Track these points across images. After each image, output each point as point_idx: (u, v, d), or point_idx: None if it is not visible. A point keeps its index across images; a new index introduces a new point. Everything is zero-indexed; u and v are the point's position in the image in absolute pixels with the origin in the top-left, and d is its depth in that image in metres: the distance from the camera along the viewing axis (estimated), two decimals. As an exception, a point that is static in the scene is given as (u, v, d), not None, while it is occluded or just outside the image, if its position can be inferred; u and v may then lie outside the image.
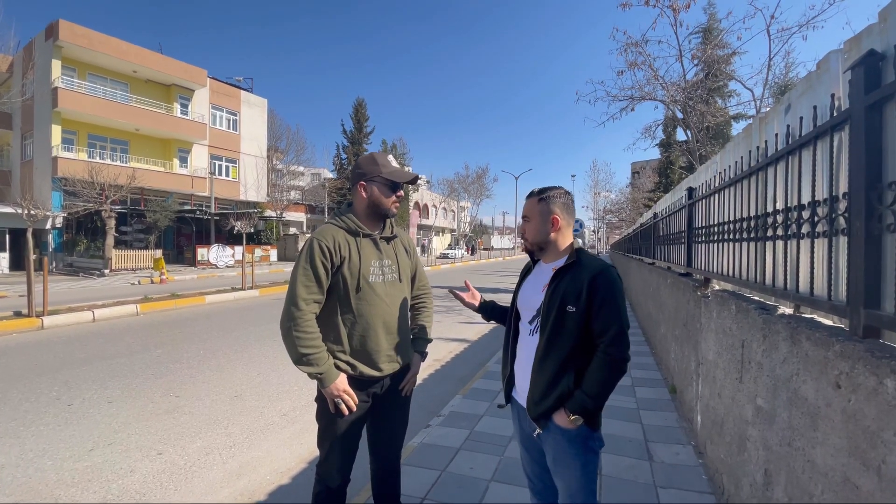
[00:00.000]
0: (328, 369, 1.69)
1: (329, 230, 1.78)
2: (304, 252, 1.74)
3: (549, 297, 1.53)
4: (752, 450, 1.96)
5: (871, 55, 1.26)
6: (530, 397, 1.55)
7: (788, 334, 1.63)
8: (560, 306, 1.49)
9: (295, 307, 1.67)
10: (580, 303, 1.46)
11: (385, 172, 1.80)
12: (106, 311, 8.78)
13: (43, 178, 20.65)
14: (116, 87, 23.15)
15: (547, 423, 1.53)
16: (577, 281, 1.48)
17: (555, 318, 1.49)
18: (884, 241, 1.21)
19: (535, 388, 1.54)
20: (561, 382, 1.49)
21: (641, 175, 39.18)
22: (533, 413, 1.54)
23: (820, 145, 1.58)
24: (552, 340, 1.50)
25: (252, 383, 4.83)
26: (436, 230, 50.72)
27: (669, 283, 4.65)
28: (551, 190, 1.63)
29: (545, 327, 1.52)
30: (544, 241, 1.62)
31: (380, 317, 1.78)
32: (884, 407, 1.07)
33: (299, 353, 1.66)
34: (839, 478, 1.26)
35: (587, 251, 1.61)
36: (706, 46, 10.97)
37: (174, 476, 2.93)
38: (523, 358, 1.64)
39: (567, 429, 1.48)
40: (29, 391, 4.47)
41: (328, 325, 1.77)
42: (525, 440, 1.70)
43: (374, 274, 1.79)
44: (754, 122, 2.46)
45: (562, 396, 1.48)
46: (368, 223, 1.84)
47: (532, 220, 1.63)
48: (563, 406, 1.48)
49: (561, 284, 1.52)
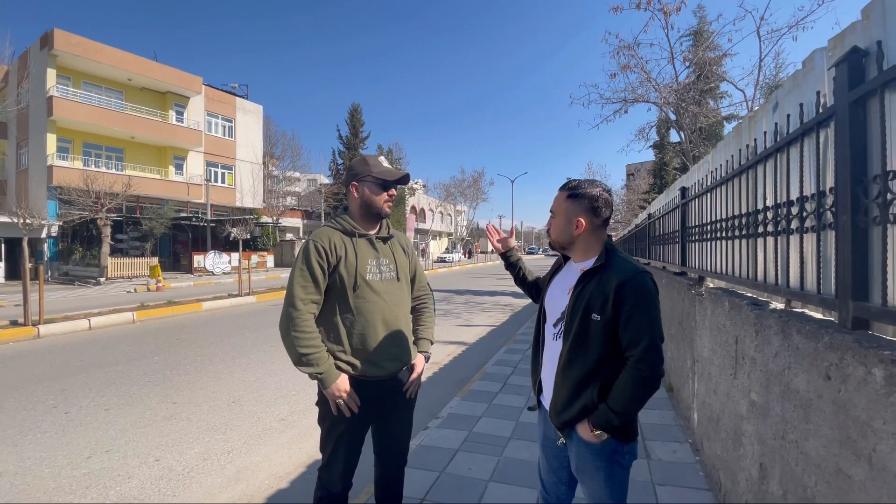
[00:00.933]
0: (328, 369, 1.68)
1: (325, 231, 1.80)
2: (300, 253, 1.75)
3: (574, 303, 1.42)
4: (748, 444, 1.98)
5: (854, 52, 1.29)
6: (553, 405, 1.48)
7: (780, 328, 1.65)
8: (584, 314, 1.37)
9: (293, 308, 1.67)
10: (606, 311, 1.34)
11: (375, 172, 1.82)
12: (102, 320, 8.74)
13: (38, 186, 20.58)
14: (111, 95, 23.13)
15: (570, 433, 1.45)
16: (603, 287, 1.36)
17: (578, 326, 1.38)
18: (870, 233, 1.24)
19: (557, 396, 1.46)
20: (584, 394, 1.39)
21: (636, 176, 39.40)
22: (556, 422, 1.47)
23: (807, 142, 1.61)
24: (575, 349, 1.40)
25: (250, 389, 4.81)
26: (433, 234, 50.75)
27: (664, 283, 4.68)
28: (585, 187, 1.48)
29: (568, 334, 1.41)
30: (568, 241, 1.52)
31: (379, 314, 1.78)
32: (873, 396, 1.09)
33: (298, 353, 1.66)
34: (832, 468, 1.28)
35: (620, 251, 1.48)
36: (697, 49, 11.09)
37: (172, 482, 2.92)
38: (548, 362, 1.55)
39: (591, 441, 1.39)
40: (26, 400, 4.45)
41: (328, 325, 1.77)
42: (546, 446, 1.63)
43: (372, 272, 1.80)
44: (744, 120, 2.49)
45: (585, 408, 1.39)
46: (363, 223, 1.86)
47: (557, 218, 1.52)
48: (586, 418, 1.39)
49: (587, 289, 1.39)
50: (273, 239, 29.52)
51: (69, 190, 18.23)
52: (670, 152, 24.36)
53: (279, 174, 34.30)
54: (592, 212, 1.47)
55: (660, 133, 21.56)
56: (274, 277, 21.08)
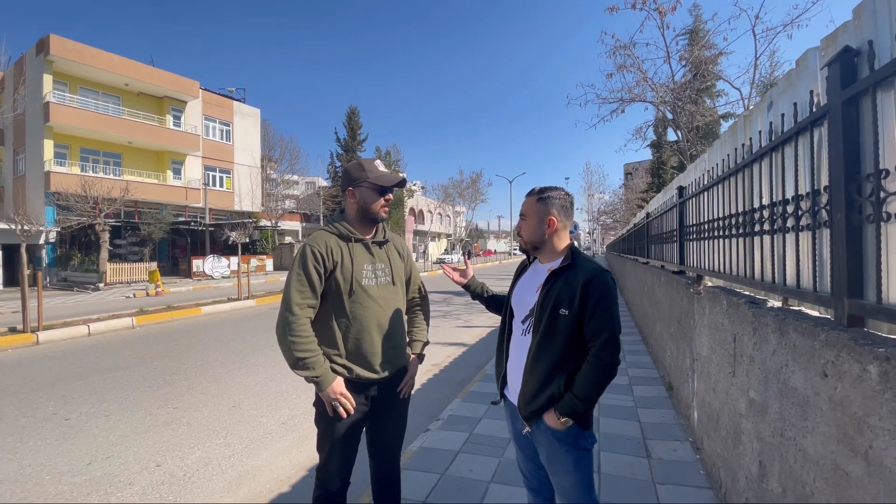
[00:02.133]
0: (324, 373, 1.70)
1: (321, 236, 1.81)
2: (297, 258, 1.76)
3: (543, 299, 1.53)
4: (747, 442, 1.98)
5: (846, 51, 1.30)
6: (521, 397, 1.57)
7: (777, 326, 1.66)
8: (553, 308, 1.49)
9: (289, 312, 1.69)
10: (573, 306, 1.46)
11: (372, 177, 1.83)
12: (101, 325, 8.72)
13: (36, 192, 20.55)
14: (108, 100, 23.11)
15: (537, 422, 1.54)
16: (570, 284, 1.49)
17: (547, 320, 1.50)
18: (864, 231, 1.24)
19: (526, 387, 1.55)
20: (552, 384, 1.49)
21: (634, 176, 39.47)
22: (524, 412, 1.56)
23: (801, 141, 1.62)
24: (544, 342, 1.51)
25: (250, 393, 4.81)
26: (432, 235, 50.75)
27: (663, 282, 4.69)
28: (551, 190, 1.63)
29: (538, 328, 1.53)
30: (539, 240, 1.62)
31: (374, 319, 1.80)
32: (868, 393, 1.10)
33: (295, 357, 1.67)
34: (829, 465, 1.29)
35: (583, 253, 1.61)
36: (693, 48, 11.12)
37: (173, 487, 2.92)
38: (516, 357, 1.65)
39: (557, 429, 1.50)
40: (26, 406, 4.44)
41: (323, 329, 1.79)
42: (518, 438, 1.72)
43: (367, 277, 1.82)
44: (739, 119, 2.50)
45: (552, 398, 1.49)
46: (360, 228, 1.87)
47: (529, 219, 1.63)
48: (553, 407, 1.49)
49: (555, 286, 1.52)
50: (272, 242, 29.49)
51: (67, 196, 18.19)
52: (668, 151, 24.43)
53: (277, 177, 34.29)
54: (561, 211, 1.61)
55: (657, 132, 21.59)
56: (273, 281, 21.06)
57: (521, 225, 1.67)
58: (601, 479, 2.67)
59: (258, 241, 28.31)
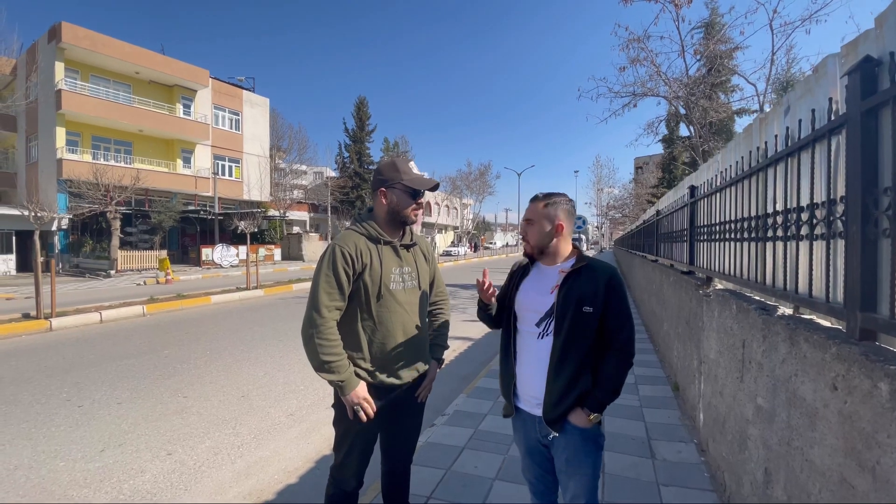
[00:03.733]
0: (349, 377, 1.69)
1: (351, 236, 1.77)
2: (326, 258, 1.73)
3: (564, 299, 1.54)
4: (753, 448, 1.98)
5: (867, 61, 1.27)
6: (547, 400, 1.55)
7: (787, 335, 1.65)
8: (576, 307, 1.52)
9: (317, 314, 1.66)
10: (597, 303, 1.51)
11: (406, 179, 1.79)
12: (113, 313, 8.86)
13: (48, 180, 20.81)
14: (119, 88, 23.25)
15: (563, 426, 1.55)
16: (593, 282, 1.54)
17: (571, 319, 1.52)
18: (880, 245, 1.23)
19: (552, 391, 1.55)
20: (580, 382, 1.53)
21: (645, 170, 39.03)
22: (550, 416, 1.55)
23: (818, 148, 1.60)
24: (570, 341, 1.52)
25: (258, 383, 4.88)
26: (439, 227, 50.74)
27: (672, 281, 4.66)
28: (556, 196, 1.65)
29: (560, 329, 1.54)
30: (547, 244, 1.64)
31: (400, 324, 1.79)
32: (878, 410, 1.09)
33: (321, 360, 1.66)
34: (836, 477, 1.29)
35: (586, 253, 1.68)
36: (708, 41, 10.92)
37: (184, 476, 2.99)
38: (530, 363, 1.63)
39: (584, 427, 1.53)
40: (40, 393, 4.55)
41: (348, 331, 1.77)
42: (530, 448, 1.69)
43: (395, 281, 1.80)
44: (755, 122, 2.47)
45: (581, 396, 1.53)
46: (389, 230, 1.84)
47: (536, 224, 1.64)
48: (580, 406, 1.52)
49: (575, 286, 1.54)
50: (280, 232, 29.68)
51: (79, 183, 18.43)
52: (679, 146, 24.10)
53: (286, 167, 34.40)
54: (567, 215, 1.65)
55: (669, 127, 21.32)
56: (281, 271, 21.23)
57: (528, 230, 1.67)
58: (605, 480, 2.69)
59: (266, 231, 28.50)
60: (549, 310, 1.59)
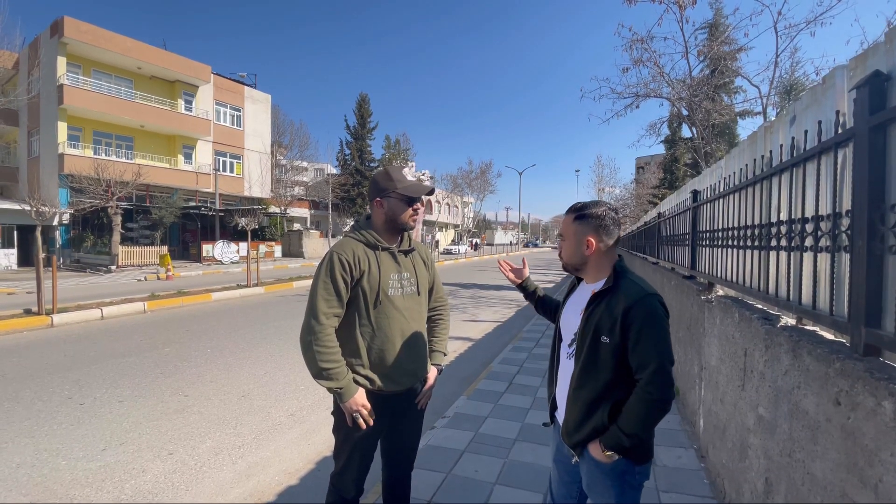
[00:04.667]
0: (347, 384, 1.70)
1: (349, 244, 1.79)
2: (324, 265, 1.74)
3: (584, 324, 1.46)
4: (754, 458, 1.99)
5: (876, 76, 1.27)
6: (565, 425, 1.51)
7: (790, 347, 1.65)
8: (594, 336, 1.41)
9: (315, 321, 1.68)
10: (614, 335, 1.36)
11: (400, 188, 1.81)
12: (114, 309, 8.88)
13: (50, 174, 20.82)
14: (121, 83, 23.23)
15: (582, 452, 1.48)
16: (612, 310, 1.38)
17: (589, 347, 1.42)
18: (885, 261, 1.23)
19: (569, 416, 1.50)
20: (595, 415, 1.41)
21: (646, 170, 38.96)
22: (568, 441, 1.50)
23: (824, 160, 1.59)
24: (586, 370, 1.43)
25: (259, 383, 4.89)
26: (439, 226, 50.73)
27: (673, 285, 4.66)
28: (591, 207, 1.51)
29: (580, 355, 1.45)
30: (580, 262, 1.54)
31: (398, 330, 1.80)
32: (882, 428, 1.09)
33: (319, 367, 1.67)
34: (837, 492, 1.29)
35: (631, 273, 1.49)
36: (712, 43, 10.88)
37: (185, 476, 3.00)
38: (562, 382, 1.59)
39: (602, 462, 1.41)
40: (41, 390, 4.56)
41: (347, 338, 1.78)
42: (559, 461, 1.66)
43: (394, 287, 1.80)
44: (759, 130, 2.46)
45: (596, 430, 1.41)
46: (387, 237, 1.86)
47: (567, 240, 1.55)
48: (597, 439, 1.41)
49: (596, 311, 1.43)
50: (281, 229, 29.67)
51: (80, 178, 18.44)
52: (681, 148, 24.06)
53: (287, 163, 34.36)
54: (601, 230, 1.48)
55: (671, 128, 21.29)
56: (282, 268, 21.24)
57: (562, 246, 1.59)
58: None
59: (267, 228, 28.51)
60: (576, 332, 1.51)
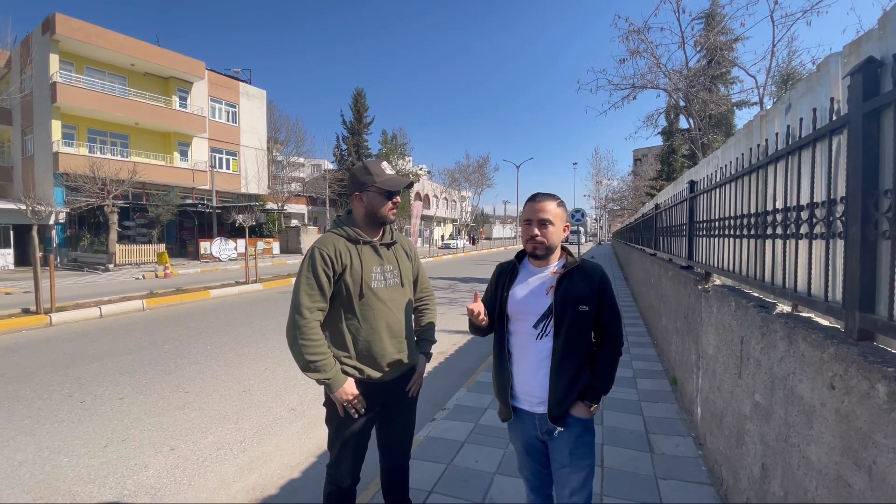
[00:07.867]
0: (335, 375, 1.74)
1: (330, 239, 1.82)
2: (306, 261, 1.78)
3: (562, 299, 1.58)
4: (750, 444, 2.01)
5: (869, 62, 1.27)
6: (552, 399, 1.59)
7: (786, 334, 1.66)
8: (574, 307, 1.57)
9: (299, 315, 1.72)
10: (592, 301, 1.59)
11: (379, 182, 1.84)
12: (113, 307, 8.87)
13: (45, 173, 20.69)
14: (115, 80, 23.04)
15: (565, 420, 1.61)
16: (588, 281, 1.61)
17: (571, 319, 1.57)
18: (879, 247, 1.24)
19: (556, 389, 1.59)
20: (581, 378, 1.61)
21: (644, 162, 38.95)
22: (556, 413, 1.59)
23: (819, 147, 1.60)
24: (570, 340, 1.58)
25: (259, 378, 4.91)
26: (437, 220, 50.69)
27: (671, 276, 4.68)
28: (557, 196, 1.68)
29: (560, 329, 1.58)
30: (556, 246, 1.65)
31: (383, 321, 1.83)
32: (875, 411, 1.11)
33: (306, 360, 1.71)
34: (832, 475, 1.31)
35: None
36: (709, 33, 10.85)
37: (187, 471, 3.01)
38: (528, 364, 1.65)
39: (586, 418, 1.62)
40: (42, 388, 4.57)
41: (333, 331, 1.82)
42: (528, 445, 1.72)
43: (377, 279, 1.84)
44: (755, 119, 2.46)
45: (583, 391, 1.61)
46: (368, 231, 1.89)
47: (556, 225, 1.62)
48: (581, 399, 1.61)
49: (571, 286, 1.60)
50: (278, 225, 29.63)
51: (75, 177, 18.33)
52: (678, 139, 24.03)
53: (283, 160, 34.24)
54: (567, 216, 1.70)
55: (668, 119, 21.24)
56: (280, 264, 21.21)
57: (546, 230, 1.60)
58: (605, 473, 2.73)
59: (264, 224, 28.45)
60: (546, 311, 1.61)
